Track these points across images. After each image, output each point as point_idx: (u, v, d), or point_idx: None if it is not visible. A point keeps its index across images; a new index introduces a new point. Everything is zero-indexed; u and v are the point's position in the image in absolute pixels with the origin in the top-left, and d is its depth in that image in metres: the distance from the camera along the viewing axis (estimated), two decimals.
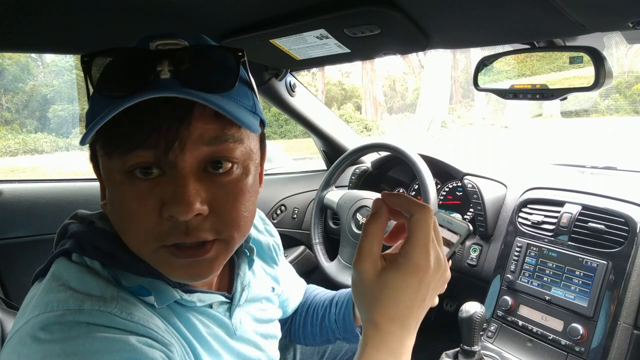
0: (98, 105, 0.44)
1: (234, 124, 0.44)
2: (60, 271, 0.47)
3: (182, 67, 0.43)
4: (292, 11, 0.79)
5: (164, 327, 0.47)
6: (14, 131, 9.55)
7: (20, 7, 0.75)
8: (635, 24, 0.63)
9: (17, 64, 9.80)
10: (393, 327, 0.43)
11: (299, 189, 1.67)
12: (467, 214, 1.29)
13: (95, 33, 0.90)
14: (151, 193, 0.43)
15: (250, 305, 0.62)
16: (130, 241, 0.46)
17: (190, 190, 0.42)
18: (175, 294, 0.50)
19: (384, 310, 0.43)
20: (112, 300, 0.45)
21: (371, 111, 17.75)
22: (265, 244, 0.70)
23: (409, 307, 0.43)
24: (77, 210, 0.55)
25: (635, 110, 13.72)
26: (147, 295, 0.48)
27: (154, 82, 0.42)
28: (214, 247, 0.46)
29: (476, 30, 0.79)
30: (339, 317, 0.78)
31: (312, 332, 0.82)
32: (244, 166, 0.47)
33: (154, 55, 0.43)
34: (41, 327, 0.41)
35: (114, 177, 0.44)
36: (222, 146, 0.44)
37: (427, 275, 0.43)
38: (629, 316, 0.84)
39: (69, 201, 1.27)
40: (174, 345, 0.47)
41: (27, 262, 1.34)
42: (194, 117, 0.42)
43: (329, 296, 0.84)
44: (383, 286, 0.43)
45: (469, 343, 0.90)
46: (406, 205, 0.45)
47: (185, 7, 0.79)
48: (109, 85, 0.43)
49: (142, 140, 0.42)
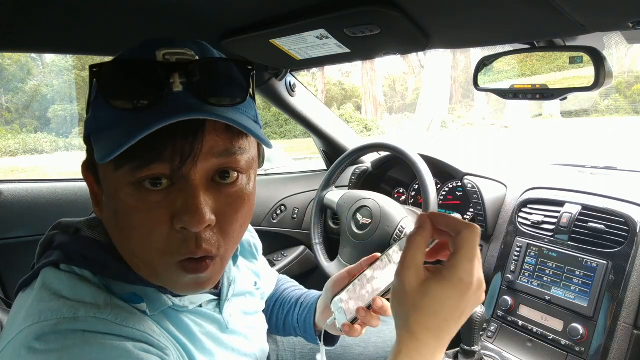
0: (106, 117, 0.44)
1: (242, 135, 0.46)
2: (51, 280, 0.46)
3: (194, 79, 0.43)
4: (292, 11, 0.79)
5: (158, 331, 0.48)
6: (14, 131, 9.55)
7: (20, 7, 0.75)
8: (635, 24, 0.63)
9: (17, 64, 9.80)
10: (428, 337, 0.44)
11: (299, 189, 1.67)
12: (467, 214, 1.29)
13: (95, 33, 0.90)
14: (161, 204, 0.43)
15: (237, 299, 0.63)
16: (138, 252, 0.46)
17: (202, 202, 0.43)
18: (168, 300, 0.50)
19: (423, 318, 0.44)
20: (106, 306, 0.44)
21: (371, 111, 17.75)
22: (246, 241, 0.73)
23: (447, 320, 0.44)
24: (59, 220, 0.54)
25: (635, 110, 13.72)
26: (139, 303, 0.48)
27: (167, 95, 0.42)
28: (211, 266, 0.47)
29: (476, 30, 0.79)
30: (300, 318, 0.79)
31: (276, 325, 0.84)
32: (247, 175, 0.48)
33: (165, 68, 0.43)
34: (36, 337, 0.40)
35: (121, 188, 0.43)
36: (230, 158, 0.45)
37: (469, 290, 0.44)
38: (629, 316, 0.84)
39: (69, 201, 1.27)
40: (169, 349, 0.47)
41: (27, 262, 1.34)
42: (206, 131, 0.43)
43: (297, 295, 0.84)
44: (424, 295, 0.44)
45: (468, 343, 0.90)
46: (453, 225, 0.46)
47: (185, 7, 0.79)
48: (119, 96, 0.43)
49: (158, 155, 0.42)
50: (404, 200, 1.50)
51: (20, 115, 10.19)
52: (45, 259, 0.49)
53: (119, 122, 0.42)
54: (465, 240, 0.44)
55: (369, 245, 1.20)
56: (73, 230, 0.52)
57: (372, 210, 1.23)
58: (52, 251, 0.50)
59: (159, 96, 0.42)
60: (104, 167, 0.45)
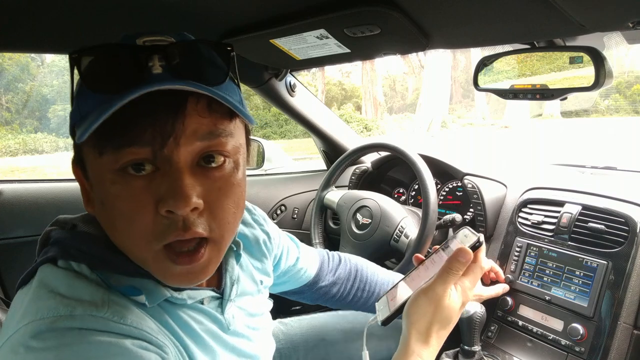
0: (87, 103, 0.43)
1: (226, 118, 0.45)
2: (48, 278, 0.46)
3: (173, 62, 0.43)
4: (292, 11, 0.79)
5: (156, 328, 0.47)
6: (14, 131, 9.55)
7: (20, 7, 0.75)
8: (635, 24, 0.63)
9: (17, 64, 9.80)
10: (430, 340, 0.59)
11: (299, 189, 1.66)
12: (467, 214, 1.29)
13: (95, 33, 0.90)
14: (146, 190, 0.43)
15: (241, 300, 0.61)
16: (127, 243, 0.46)
17: (187, 184, 0.42)
18: (166, 292, 0.49)
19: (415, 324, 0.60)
20: (103, 304, 0.44)
21: (371, 111, 17.75)
22: (253, 238, 0.70)
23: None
24: (58, 216, 0.54)
25: (635, 110, 13.72)
26: (138, 295, 0.47)
27: (147, 77, 0.42)
28: (207, 250, 0.46)
29: (476, 30, 0.79)
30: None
31: (358, 299, 0.92)
32: (234, 160, 0.48)
33: (144, 51, 0.43)
34: (33, 335, 0.40)
35: (105, 176, 0.43)
36: (215, 141, 0.45)
37: (442, 301, 0.59)
38: (629, 316, 0.84)
39: (69, 201, 1.27)
40: (167, 347, 0.46)
41: (27, 262, 1.34)
42: (187, 111, 0.43)
43: (386, 280, 0.95)
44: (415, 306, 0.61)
45: (469, 343, 0.90)
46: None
47: (185, 7, 0.79)
48: (100, 82, 0.42)
49: (137, 136, 0.41)
50: (404, 200, 1.50)
51: (20, 115, 10.19)
52: (43, 255, 0.49)
53: (99, 105, 0.42)
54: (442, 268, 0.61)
55: (369, 245, 1.20)
56: (70, 226, 0.52)
57: (372, 210, 1.23)
58: (49, 247, 0.50)
59: (138, 78, 0.42)
60: (89, 155, 0.45)
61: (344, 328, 0.96)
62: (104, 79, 0.42)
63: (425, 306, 0.59)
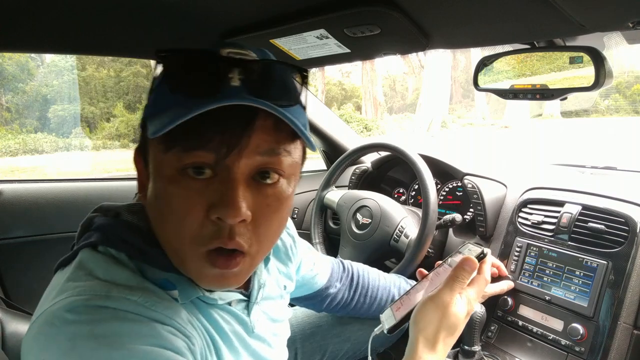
0: (163, 100, 0.45)
1: (289, 138, 0.47)
2: (87, 261, 0.48)
3: (252, 78, 0.44)
4: (292, 11, 0.79)
5: (187, 320, 0.48)
6: (14, 131, 9.55)
7: (20, 7, 0.75)
8: (635, 24, 0.63)
9: (17, 64, 9.80)
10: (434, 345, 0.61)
11: (299, 189, 1.66)
12: (467, 214, 1.29)
13: (95, 33, 0.90)
14: (201, 193, 0.44)
15: (265, 303, 0.63)
16: (171, 239, 0.47)
17: (240, 195, 0.44)
18: (198, 291, 0.51)
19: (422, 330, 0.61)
20: (137, 289, 0.46)
21: (371, 111, 17.75)
22: (281, 243, 0.72)
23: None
24: (102, 203, 0.55)
25: (635, 110, 13.72)
26: (172, 289, 0.49)
27: (224, 87, 0.44)
28: (241, 262, 0.47)
29: (476, 30, 0.79)
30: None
31: (361, 306, 0.94)
32: (287, 179, 0.49)
33: (226, 62, 0.45)
34: (68, 309, 0.42)
35: (166, 172, 0.45)
36: (274, 158, 0.46)
37: (448, 309, 0.61)
38: (629, 316, 0.84)
39: (69, 201, 1.27)
40: (195, 338, 0.48)
41: (27, 262, 1.34)
42: (256, 127, 0.44)
43: (387, 285, 0.97)
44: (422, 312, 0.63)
45: (469, 343, 0.90)
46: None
47: (185, 7, 0.79)
48: (181, 83, 0.44)
49: (206, 141, 0.43)
50: (404, 200, 1.50)
51: (20, 115, 10.20)
52: (85, 240, 0.51)
53: (175, 105, 0.43)
54: (450, 276, 0.64)
55: (369, 245, 1.20)
56: (113, 214, 0.53)
57: (372, 210, 1.23)
58: (91, 232, 0.51)
59: (216, 87, 0.43)
60: (154, 148, 0.46)
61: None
62: (183, 80, 0.44)
63: (433, 313, 0.60)
